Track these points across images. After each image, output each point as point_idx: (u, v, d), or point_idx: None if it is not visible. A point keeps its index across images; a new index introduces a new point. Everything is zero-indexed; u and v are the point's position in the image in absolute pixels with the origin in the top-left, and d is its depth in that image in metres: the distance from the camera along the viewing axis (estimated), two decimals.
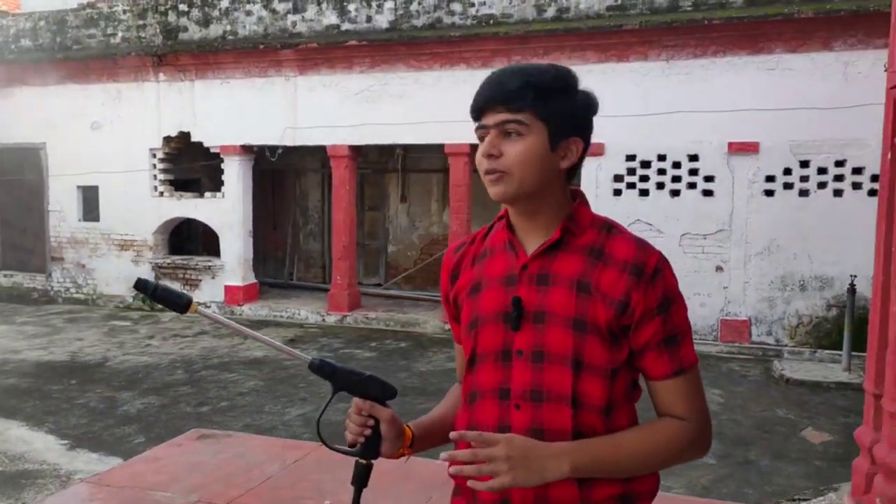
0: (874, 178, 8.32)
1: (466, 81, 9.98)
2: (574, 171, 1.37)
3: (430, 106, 10.09)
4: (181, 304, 1.37)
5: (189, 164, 11.98)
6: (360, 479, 1.42)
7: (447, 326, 10.18)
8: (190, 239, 13.32)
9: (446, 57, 10.05)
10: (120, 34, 11.67)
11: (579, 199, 1.38)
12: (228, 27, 11.09)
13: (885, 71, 3.65)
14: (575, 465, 1.22)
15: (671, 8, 9.04)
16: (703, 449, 1.36)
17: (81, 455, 5.45)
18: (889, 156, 3.48)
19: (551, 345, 1.28)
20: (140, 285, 1.37)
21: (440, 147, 10.41)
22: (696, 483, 5.05)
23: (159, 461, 4.36)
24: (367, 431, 1.38)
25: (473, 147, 10.10)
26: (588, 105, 1.35)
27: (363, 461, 1.40)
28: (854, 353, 7.74)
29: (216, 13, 11.17)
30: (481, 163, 1.32)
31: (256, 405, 6.74)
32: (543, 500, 1.27)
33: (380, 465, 4.59)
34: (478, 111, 1.32)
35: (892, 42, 3.53)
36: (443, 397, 1.55)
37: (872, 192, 8.32)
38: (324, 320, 10.74)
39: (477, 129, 1.33)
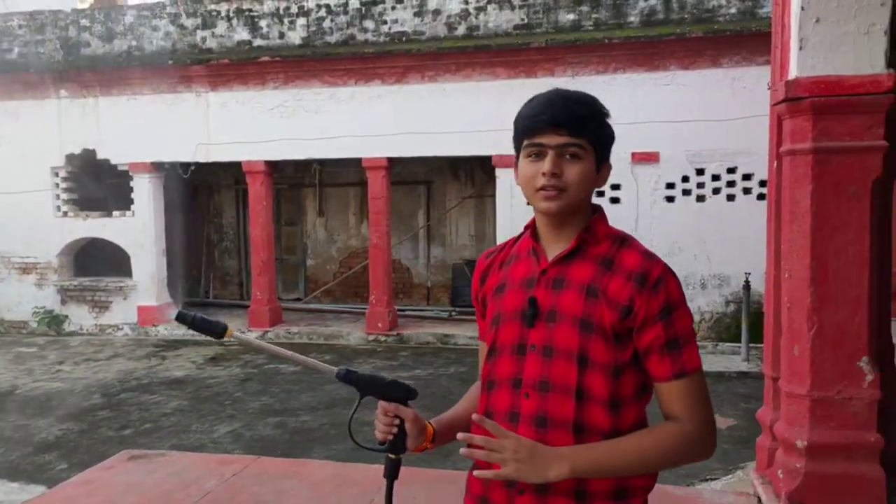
0: (762, 184, 9.08)
1: (381, 97, 10.18)
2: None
3: (346, 121, 10.22)
4: (217, 332, 1.53)
5: (95, 183, 11.57)
6: (392, 472, 1.57)
7: (370, 338, 10.35)
8: (97, 260, 12.83)
9: (361, 73, 10.20)
10: (16, 49, 11.18)
11: (597, 213, 1.52)
12: (134, 42, 10.84)
13: (768, 90, 4.10)
14: (574, 468, 1.34)
15: (574, 27, 9.56)
16: (704, 450, 1.43)
17: (1, 486, 5.24)
18: (775, 165, 3.92)
19: (559, 341, 1.42)
20: (180, 317, 1.53)
21: (357, 161, 10.54)
22: None
23: (91, 484, 4.29)
24: (394, 430, 1.53)
25: (391, 160, 10.36)
26: (613, 134, 1.52)
27: (393, 456, 1.55)
28: (752, 345, 8.40)
29: (120, 28, 10.90)
30: (537, 179, 1.43)
31: (182, 425, 6.64)
32: (544, 486, 1.41)
33: (315, 473, 4.72)
34: (534, 131, 1.43)
35: (773, 62, 3.99)
36: (371, 406, 1.63)
37: (761, 196, 9.07)
38: None
39: (526, 145, 1.44)
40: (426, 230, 12.56)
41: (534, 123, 1.43)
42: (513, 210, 9.63)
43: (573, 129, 1.41)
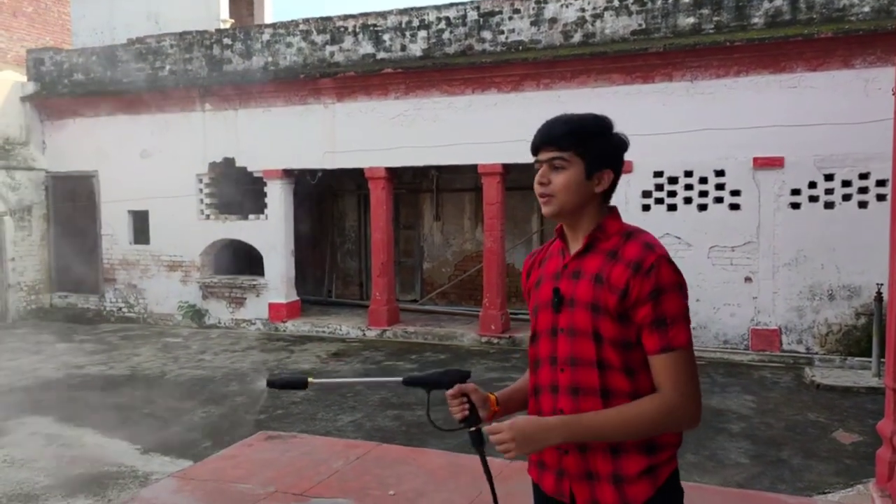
0: None
1: (497, 105, 10.45)
2: (609, 194, 1.80)
3: (463, 128, 10.56)
4: (302, 384, 1.93)
5: (233, 188, 12.56)
6: (478, 442, 1.81)
7: (483, 339, 10.63)
8: (235, 259, 13.90)
9: (478, 82, 10.51)
10: (167, 67, 12.35)
11: (610, 213, 1.80)
12: (270, 58, 11.70)
13: (893, 94, 3.99)
14: (565, 436, 1.62)
15: (694, 31, 9.42)
16: (687, 419, 1.62)
17: (155, 458, 5.91)
18: None
19: (578, 323, 1.70)
20: (270, 382, 1.96)
21: (473, 167, 10.85)
22: (730, 480, 5.33)
23: (235, 458, 4.79)
24: (466, 407, 1.81)
25: (506, 167, 10.62)
26: (618, 145, 1.79)
27: (473, 429, 1.80)
28: (883, 360, 7.94)
29: (258, 45, 11.80)
30: (537, 188, 1.76)
31: (309, 413, 7.16)
32: (587, 472, 1.70)
33: (431, 461, 5.02)
34: (535, 150, 1.77)
35: None
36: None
37: None
38: (364, 335, 11.18)
39: (535, 163, 1.78)
40: (539, 235, 12.70)
41: (532, 144, 1.78)
42: (626, 215, 9.57)
43: (558, 145, 1.73)
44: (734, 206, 9.41)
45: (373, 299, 11.57)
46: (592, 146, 1.73)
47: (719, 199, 9.49)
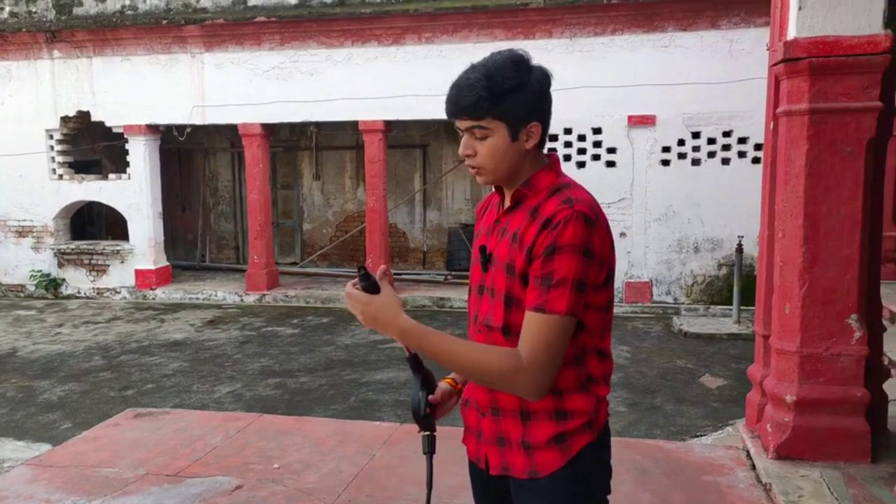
0: (757, 147, 9.10)
1: (378, 58, 10.11)
2: (542, 145, 1.62)
3: (343, 83, 10.16)
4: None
5: (90, 145, 11.52)
6: (430, 448, 1.67)
7: None
8: (93, 223, 12.84)
9: (357, 34, 10.11)
10: (7, 8, 11.01)
11: (543, 166, 1.61)
12: (127, 2, 10.68)
13: (767, 50, 4.12)
14: (404, 339, 1.50)
15: None
16: (525, 389, 1.48)
17: (7, 444, 5.33)
18: (771, 126, 3.95)
19: (496, 283, 1.58)
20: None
21: (354, 124, 10.50)
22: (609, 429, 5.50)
23: (99, 440, 4.39)
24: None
25: (388, 124, 10.34)
26: (541, 92, 1.58)
27: (427, 433, 1.65)
28: (743, 308, 8.52)
29: None
30: (465, 160, 1.60)
31: (183, 385, 6.74)
32: (499, 437, 1.61)
33: (317, 429, 4.79)
34: (449, 117, 1.58)
35: (772, 23, 4.00)
36: (367, 368, 1.81)
37: (756, 160, 9.10)
38: (242, 300, 10.69)
39: (455, 128, 1.60)
40: (422, 194, 12.58)
41: (446, 113, 1.58)
42: None
43: (471, 114, 1.52)
44: (610, 164, 9.67)
45: (250, 263, 11.06)
46: (511, 105, 1.52)
47: (597, 157, 9.72)
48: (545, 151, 1.65)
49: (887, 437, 3.81)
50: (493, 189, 1.70)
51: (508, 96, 1.52)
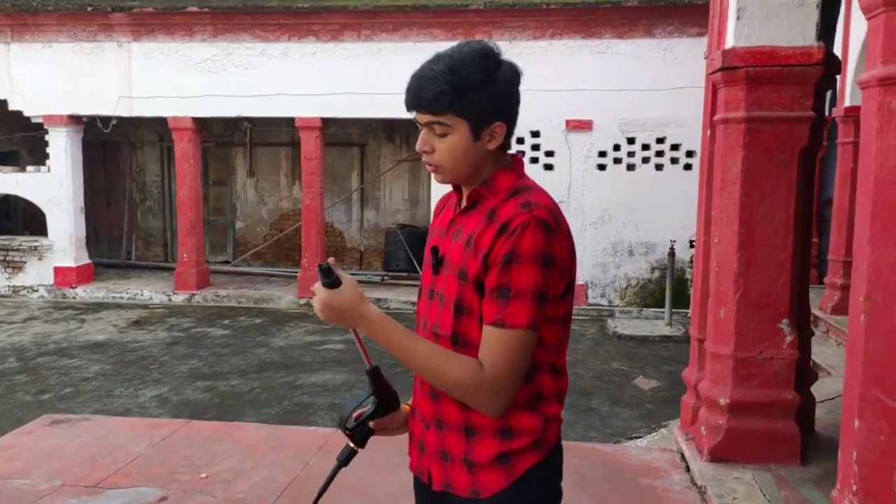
0: (689, 154, 9.35)
1: (316, 54, 9.91)
2: (506, 146, 1.52)
3: (279, 78, 9.91)
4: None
5: (6, 136, 10.88)
6: (345, 461, 1.65)
7: (302, 302, 10.21)
8: (9, 217, 12.15)
9: (294, 28, 9.88)
10: None
11: (504, 167, 1.51)
12: None
13: (705, 59, 4.19)
14: (369, 330, 1.42)
15: None
16: (485, 406, 1.41)
17: None
18: (708, 133, 4.02)
19: (446, 289, 1.47)
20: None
21: (290, 120, 10.27)
22: None
23: (11, 449, 4.11)
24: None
25: (325, 121, 10.15)
26: (508, 91, 1.47)
27: (352, 446, 1.62)
28: (674, 310, 8.73)
29: None
30: (422, 156, 1.49)
31: (105, 389, 6.42)
32: (442, 452, 1.52)
33: (249, 435, 4.58)
34: (408, 109, 1.46)
35: (710, 31, 4.06)
36: (302, 370, 1.71)
37: (688, 167, 9.34)
38: (170, 300, 10.30)
39: (414, 119, 1.48)
40: (360, 193, 12.41)
41: (405, 104, 1.46)
42: None
43: (431, 109, 1.41)
44: (548, 167, 9.75)
45: (179, 261, 10.67)
46: (474, 102, 1.40)
47: (535, 160, 9.78)
48: (512, 152, 1.56)
49: (815, 439, 3.93)
50: (452, 188, 1.60)
51: (472, 92, 1.41)
